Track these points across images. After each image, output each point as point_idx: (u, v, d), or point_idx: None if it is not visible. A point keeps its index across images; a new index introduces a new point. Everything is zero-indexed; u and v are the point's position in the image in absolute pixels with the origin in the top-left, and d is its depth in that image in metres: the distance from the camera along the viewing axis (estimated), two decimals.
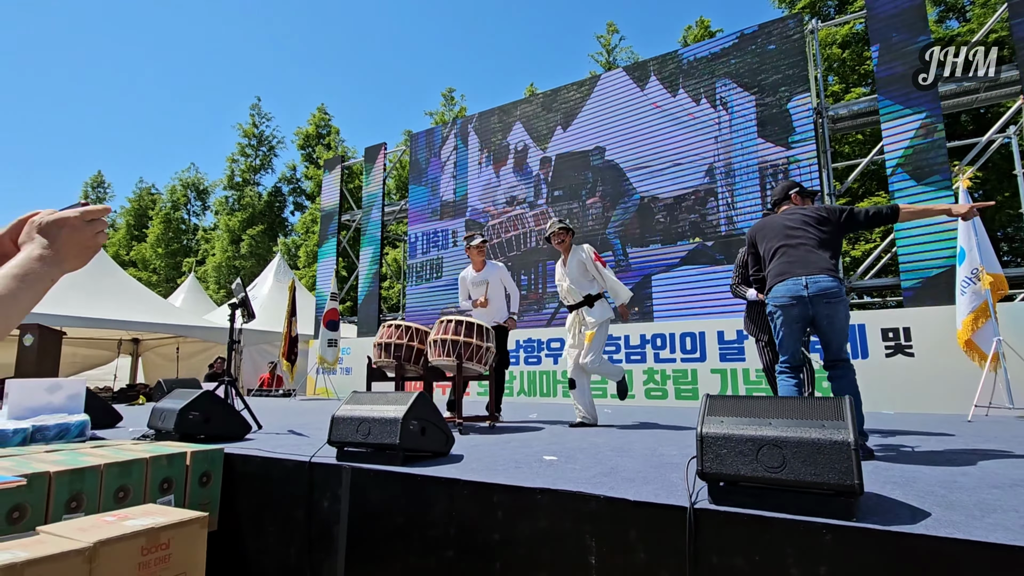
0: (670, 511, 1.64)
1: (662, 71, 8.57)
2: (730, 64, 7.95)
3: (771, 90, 7.58)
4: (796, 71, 7.48)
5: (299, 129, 29.15)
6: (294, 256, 26.15)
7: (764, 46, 7.74)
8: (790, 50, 7.56)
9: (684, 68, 8.36)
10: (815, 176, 7.06)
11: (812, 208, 3.00)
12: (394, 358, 4.24)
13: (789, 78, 7.49)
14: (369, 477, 2.26)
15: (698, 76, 8.20)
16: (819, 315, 2.77)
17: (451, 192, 10.48)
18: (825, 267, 2.78)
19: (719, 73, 8.02)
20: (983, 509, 1.58)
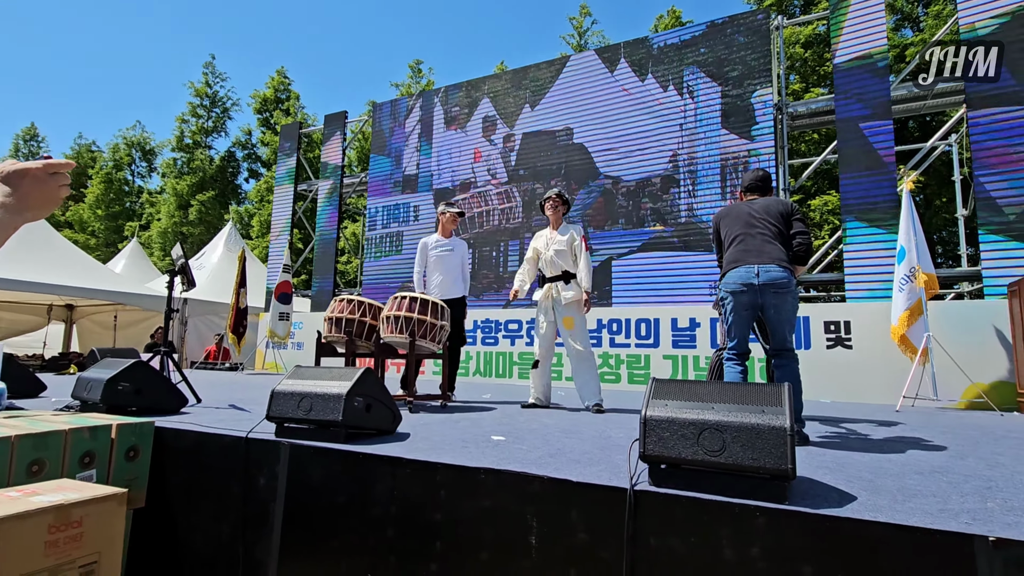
0: (611, 492, 1.64)
1: (632, 55, 8.56)
2: (699, 53, 8.01)
3: (736, 82, 7.69)
4: (761, 65, 7.60)
5: (256, 92, 27.77)
6: (247, 225, 25.11)
7: (733, 37, 7.82)
8: (756, 44, 7.67)
9: (654, 54, 8.37)
10: (772, 171, 7.24)
11: (776, 200, 3.05)
12: (345, 333, 4.12)
13: (754, 71, 7.61)
14: (309, 454, 2.18)
15: (667, 63, 8.23)
16: (767, 304, 2.83)
17: (414, 166, 10.22)
18: (778, 258, 2.84)
19: (688, 61, 8.07)
20: (905, 494, 1.65)
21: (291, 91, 27.89)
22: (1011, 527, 1.34)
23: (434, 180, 9.98)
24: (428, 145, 10.17)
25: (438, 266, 4.70)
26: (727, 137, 7.64)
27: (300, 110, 27.52)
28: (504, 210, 9.14)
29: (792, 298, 2.81)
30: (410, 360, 3.92)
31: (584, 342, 4.13)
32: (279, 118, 26.13)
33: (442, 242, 4.75)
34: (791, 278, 2.81)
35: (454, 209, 4.79)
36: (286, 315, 9.10)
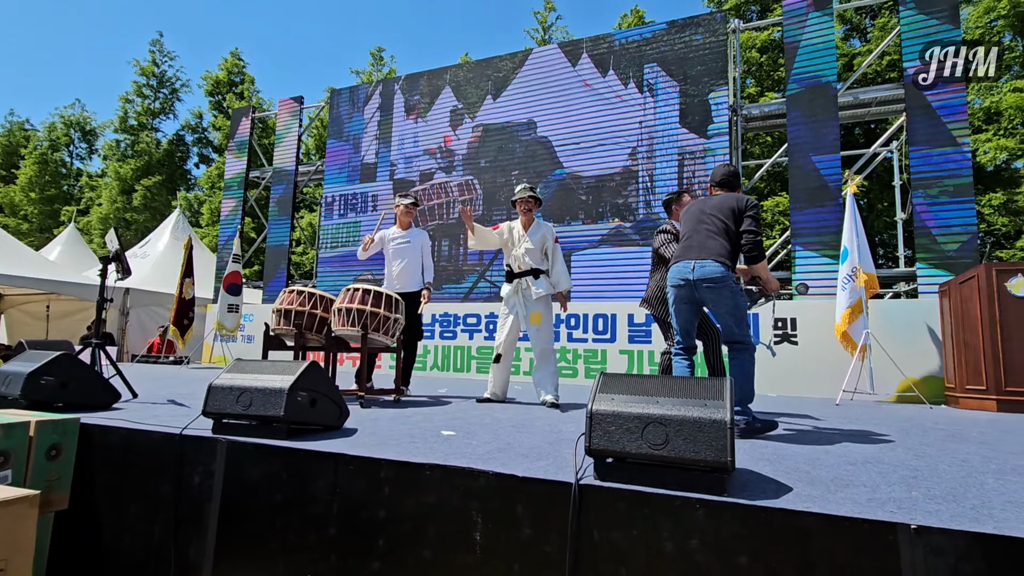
0: (557, 487, 1.63)
1: (594, 50, 8.61)
2: (659, 51, 8.13)
3: (694, 81, 7.84)
4: (718, 66, 7.77)
5: (208, 73, 26.52)
6: (196, 212, 24.03)
7: (692, 37, 7.97)
8: (714, 45, 7.84)
9: (615, 50, 8.44)
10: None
11: (733, 196, 2.98)
12: (294, 326, 3.99)
13: (711, 71, 7.77)
14: (247, 451, 2.09)
15: (628, 59, 8.31)
16: (704, 299, 2.86)
17: (372, 155, 9.99)
18: (716, 253, 2.82)
19: (648, 59, 8.18)
20: (838, 484, 1.71)
21: (245, 74, 26.81)
22: (932, 515, 1.40)
23: (394, 170, 9.78)
24: (388, 134, 9.96)
25: (396, 259, 4.60)
26: (684, 135, 7.79)
27: (255, 94, 26.48)
28: (464, 202, 9.04)
29: (728, 292, 2.79)
30: (363, 354, 3.83)
31: (549, 338, 4.12)
32: (232, 101, 25.08)
33: (399, 235, 4.65)
34: (726, 272, 2.79)
35: (407, 200, 4.68)
36: (235, 307, 8.76)
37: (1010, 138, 14.29)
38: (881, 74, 15.65)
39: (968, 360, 4.94)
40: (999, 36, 15.13)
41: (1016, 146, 14.06)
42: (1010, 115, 14.22)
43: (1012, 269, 4.79)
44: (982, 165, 14.91)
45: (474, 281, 8.79)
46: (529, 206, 4.23)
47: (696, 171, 7.63)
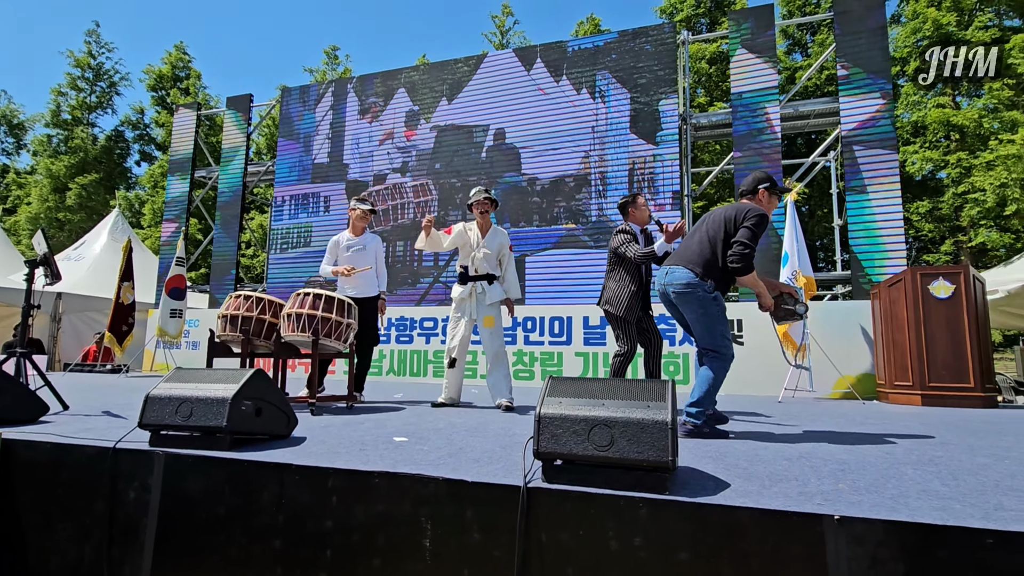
0: (506, 490, 1.65)
1: (548, 56, 8.75)
2: (610, 59, 8.34)
3: (644, 89, 8.09)
4: (667, 74, 8.02)
5: (150, 67, 25.32)
6: (137, 213, 22.88)
7: (642, 47, 8.20)
8: (664, 55, 8.09)
9: (568, 56, 8.61)
10: (676, 177, 7.68)
11: (735, 206, 2.90)
12: (241, 332, 3.86)
13: (661, 80, 8.03)
14: (187, 464, 2.01)
15: (581, 66, 8.49)
16: (676, 304, 2.88)
17: (325, 155, 9.78)
18: (689, 260, 2.80)
19: (600, 66, 8.38)
20: (773, 479, 1.80)
21: (191, 69, 25.74)
22: (854, 505, 1.49)
23: (348, 171, 9.61)
24: (340, 134, 9.78)
25: (349, 264, 4.50)
26: (635, 141, 8.01)
27: (201, 90, 25.47)
28: (420, 204, 8.99)
29: (694, 300, 2.76)
30: (313, 360, 3.74)
31: (501, 341, 4.14)
32: (177, 97, 24.02)
33: (353, 241, 4.54)
34: (694, 280, 2.75)
35: (364, 206, 4.57)
36: (179, 312, 8.38)
37: (934, 150, 15.36)
38: (821, 87, 16.53)
39: (896, 358, 5.27)
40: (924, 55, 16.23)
41: (939, 157, 15.13)
42: (934, 128, 15.29)
43: (935, 272, 5.15)
44: (911, 175, 15.97)
45: (430, 284, 8.73)
46: (485, 208, 4.22)
47: (646, 176, 7.85)
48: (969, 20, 15.34)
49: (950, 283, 5.03)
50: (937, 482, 1.80)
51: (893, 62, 16.73)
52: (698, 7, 19.21)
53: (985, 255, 14.89)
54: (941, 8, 15.53)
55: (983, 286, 5.43)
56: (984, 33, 14.64)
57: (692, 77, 17.87)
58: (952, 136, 15.30)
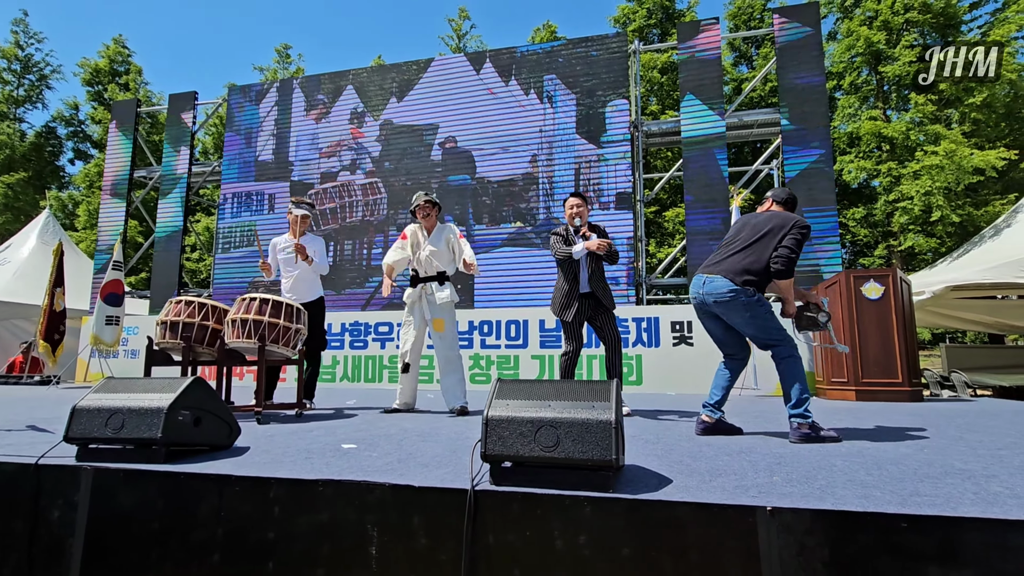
0: (453, 494, 1.65)
1: (497, 59, 8.90)
2: (558, 63, 8.56)
3: (590, 93, 8.33)
4: (613, 79, 8.27)
5: (85, 60, 23.94)
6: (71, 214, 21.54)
7: (589, 53, 8.47)
8: (611, 63, 8.34)
9: (517, 59, 8.78)
10: (621, 179, 7.89)
11: (778, 215, 2.93)
12: (182, 339, 3.70)
13: (607, 84, 8.30)
14: (117, 479, 1.91)
15: (529, 69, 8.67)
16: (719, 313, 2.89)
17: (269, 153, 9.55)
18: (728, 269, 2.81)
19: (548, 70, 8.58)
20: (713, 474, 1.87)
21: (132, 63, 24.50)
22: (785, 497, 1.57)
23: (292, 170, 9.39)
24: (286, 133, 9.58)
25: (289, 269, 4.37)
26: (580, 143, 8.24)
27: (143, 86, 24.28)
28: (369, 203, 8.93)
29: (740, 305, 2.78)
30: (260, 368, 3.62)
31: (454, 344, 4.11)
32: (115, 93, 22.80)
33: (291, 244, 4.35)
34: (735, 289, 2.77)
35: (300, 210, 4.35)
36: (115, 319, 7.93)
37: (868, 160, 16.32)
38: (765, 98, 17.30)
39: (832, 356, 5.56)
40: (858, 70, 17.28)
41: (872, 167, 16.09)
42: (867, 140, 16.25)
43: (867, 275, 5.47)
44: (847, 183, 16.91)
45: (377, 284, 8.65)
46: (427, 211, 4.18)
47: (591, 178, 8.10)
48: (897, 39, 16.43)
49: (880, 285, 5.36)
50: (863, 472, 1.91)
51: (829, 76, 17.73)
52: (650, 18, 19.78)
53: (914, 259, 15.93)
54: (872, 27, 16.55)
55: (910, 288, 5.81)
56: (910, 52, 15.72)
57: (644, 86, 18.37)
58: (883, 147, 16.32)
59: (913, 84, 6.29)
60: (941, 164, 13.49)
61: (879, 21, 16.47)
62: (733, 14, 19.68)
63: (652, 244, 17.38)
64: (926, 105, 15.33)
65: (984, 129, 15.17)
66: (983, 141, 14.75)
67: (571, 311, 3.87)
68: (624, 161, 7.98)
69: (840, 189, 17.16)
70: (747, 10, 19.46)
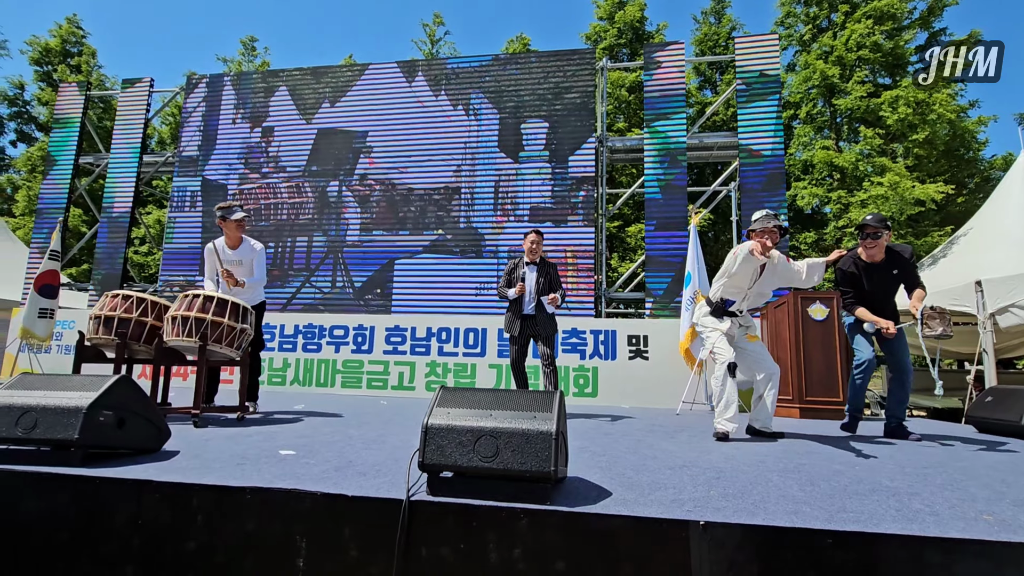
0: (387, 505, 1.60)
1: (428, 72, 9.12)
2: (484, 81, 8.86)
3: (512, 112, 8.64)
4: (531, 99, 8.59)
5: (35, 39, 22.65)
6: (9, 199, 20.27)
7: (511, 72, 8.78)
8: (529, 82, 8.67)
9: (447, 73, 9.03)
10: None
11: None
12: (117, 335, 3.50)
13: (525, 105, 8.62)
14: (23, 483, 1.77)
15: (458, 84, 8.93)
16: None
17: (195, 148, 9.40)
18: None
19: (475, 86, 8.87)
20: (653, 487, 1.87)
21: (85, 44, 23.35)
22: (719, 511, 1.58)
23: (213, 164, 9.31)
24: (214, 129, 9.46)
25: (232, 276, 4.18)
26: (501, 158, 8.53)
27: (96, 69, 23.16)
28: (293, 205, 8.97)
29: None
30: (200, 368, 3.46)
31: None
32: (65, 74, 21.69)
33: (228, 253, 4.16)
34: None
35: (236, 216, 4.13)
36: (49, 312, 7.46)
37: (820, 187, 17.08)
38: (727, 122, 17.91)
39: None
40: (814, 102, 18.12)
41: (824, 193, 16.85)
42: (820, 168, 17.02)
43: (813, 297, 5.68)
44: (800, 208, 17.63)
45: (299, 286, 8.70)
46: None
47: (509, 191, 8.41)
48: (850, 74, 17.33)
49: (825, 307, 5.58)
50: (796, 487, 1.96)
51: (787, 106, 18.52)
52: (620, 37, 20.23)
53: None
54: (828, 61, 17.41)
55: None
56: (861, 87, 16.59)
57: (611, 103, 18.72)
58: (834, 175, 17.13)
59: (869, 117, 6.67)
60: (886, 195, 14.24)
61: (834, 56, 17.33)
62: (699, 40, 20.36)
63: (615, 258, 17.65)
64: (874, 138, 16.18)
65: (925, 164, 16.12)
66: (924, 175, 15.67)
67: (513, 328, 4.62)
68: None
69: (794, 214, 17.88)
70: (712, 37, 20.19)
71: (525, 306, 4.62)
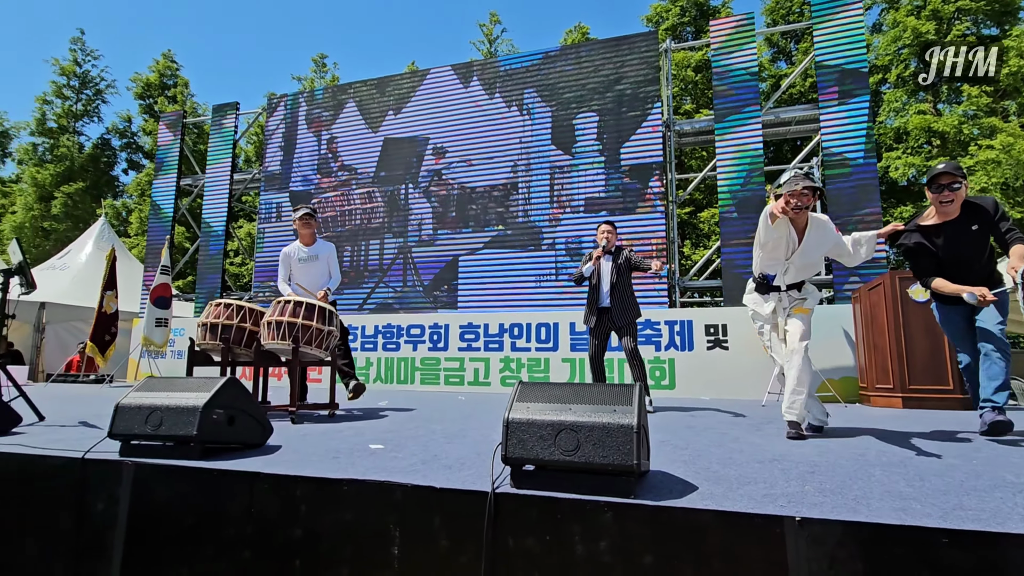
0: (473, 496, 1.65)
1: (483, 74, 9.36)
2: (535, 78, 9.01)
3: (563, 106, 8.74)
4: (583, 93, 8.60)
5: (137, 75, 25.18)
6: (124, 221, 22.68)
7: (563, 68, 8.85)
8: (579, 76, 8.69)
9: (500, 74, 9.26)
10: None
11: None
12: (221, 340, 3.83)
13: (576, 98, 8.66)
14: (156, 474, 1.99)
15: (512, 84, 9.14)
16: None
17: (277, 163, 10.18)
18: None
19: (527, 84, 9.04)
20: (741, 482, 1.81)
21: (179, 77, 25.63)
22: (816, 507, 1.51)
23: (293, 181, 10.03)
24: (292, 144, 10.19)
25: (303, 276, 4.48)
26: (555, 152, 8.59)
27: (189, 98, 25.36)
28: (366, 210, 9.49)
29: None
30: (293, 368, 3.72)
31: None
32: (164, 105, 23.91)
33: (303, 251, 4.50)
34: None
35: (298, 213, 4.50)
36: (164, 321, 8.30)
37: (916, 156, 15.58)
38: (805, 94, 16.75)
39: (877, 361, 5.32)
40: (905, 63, 16.54)
41: (921, 163, 15.35)
42: (915, 135, 15.52)
43: (912, 277, 5.21)
44: (895, 180, 16.18)
45: (372, 287, 9.17)
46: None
47: (564, 184, 8.49)
48: (948, 28, 15.64)
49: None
50: (903, 483, 1.82)
51: (874, 70, 17.02)
52: (683, 16, 19.44)
53: None
54: (920, 17, 15.81)
55: None
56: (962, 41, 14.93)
57: (677, 85, 18.05)
58: (933, 142, 15.55)
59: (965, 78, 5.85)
60: (998, 159, 12.75)
61: (928, 10, 15.71)
62: (771, 8, 19.14)
63: (687, 245, 17.04)
64: (980, 97, 14.53)
65: None
66: None
67: (590, 321, 4.54)
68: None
69: (887, 187, 16.43)
70: (784, 4, 18.91)
71: (602, 298, 4.50)
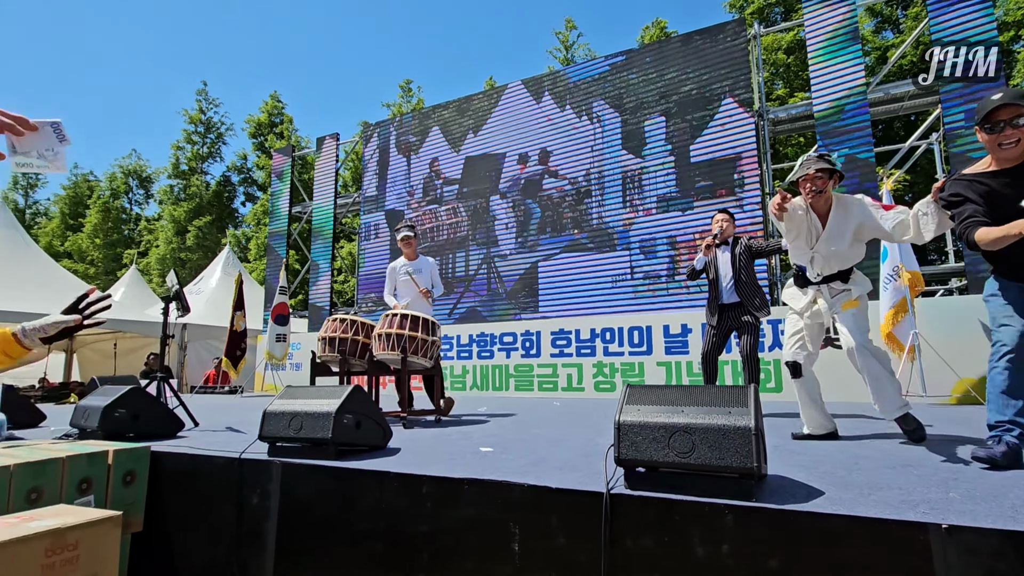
0: (588, 497, 1.70)
1: (554, 88, 9.73)
2: (604, 87, 9.21)
3: (632, 112, 8.86)
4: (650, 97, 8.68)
5: (250, 117, 28.11)
6: (244, 248, 25.26)
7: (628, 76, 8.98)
8: (644, 84, 8.78)
9: (570, 87, 9.57)
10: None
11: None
12: (338, 352, 4.19)
13: (645, 104, 8.77)
14: (300, 472, 2.24)
15: (580, 95, 9.43)
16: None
17: (373, 187, 11.10)
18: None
19: (596, 94, 9.29)
20: (872, 487, 1.71)
21: (284, 114, 28.23)
22: (966, 515, 1.40)
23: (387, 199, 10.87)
24: (385, 168, 11.07)
25: (406, 289, 4.78)
26: (625, 156, 8.75)
27: (293, 133, 27.83)
28: (452, 224, 10.14)
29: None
30: (402, 377, 3.98)
31: None
32: (273, 142, 26.41)
33: (407, 265, 4.86)
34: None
35: (400, 235, 4.85)
36: (283, 336, 9.16)
37: None
38: (917, 64, 15.15)
39: None
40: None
41: None
42: None
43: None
44: None
45: (459, 295, 9.73)
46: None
47: (634, 187, 8.67)
48: None
49: None
50: None
51: (1004, 27, 15.04)
52: None
53: None
54: None
55: None
56: None
57: (768, 70, 17.04)
58: None
59: None
60: None
61: None
62: None
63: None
64: None
65: None
66: None
67: (712, 316, 4.32)
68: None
69: None
70: None
71: (723, 294, 4.24)
